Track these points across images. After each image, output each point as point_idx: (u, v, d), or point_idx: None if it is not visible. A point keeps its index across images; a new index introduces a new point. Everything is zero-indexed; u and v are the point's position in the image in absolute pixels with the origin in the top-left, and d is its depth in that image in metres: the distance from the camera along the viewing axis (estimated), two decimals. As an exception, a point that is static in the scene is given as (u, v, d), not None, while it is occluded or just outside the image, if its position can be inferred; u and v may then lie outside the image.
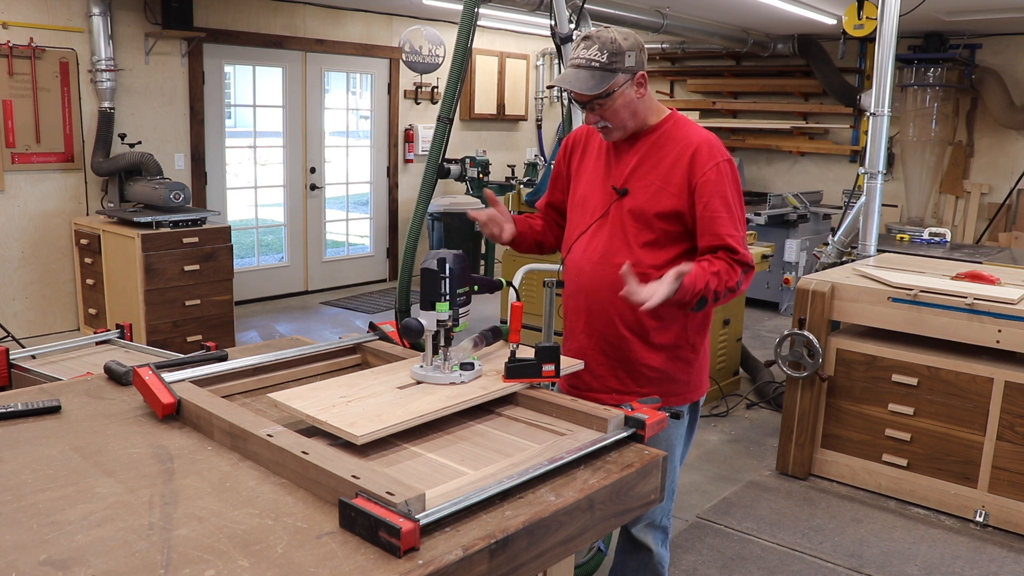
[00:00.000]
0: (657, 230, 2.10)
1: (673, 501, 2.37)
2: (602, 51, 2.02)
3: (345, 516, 1.27)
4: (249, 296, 7.06)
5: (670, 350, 2.17)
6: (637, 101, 2.08)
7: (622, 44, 2.03)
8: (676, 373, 2.19)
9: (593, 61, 2.03)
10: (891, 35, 4.33)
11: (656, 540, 2.32)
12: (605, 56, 2.02)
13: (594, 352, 2.20)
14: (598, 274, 2.15)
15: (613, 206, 2.14)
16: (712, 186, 2.04)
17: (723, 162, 2.07)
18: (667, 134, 2.12)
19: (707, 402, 4.88)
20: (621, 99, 2.05)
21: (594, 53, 2.03)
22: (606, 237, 2.15)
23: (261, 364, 1.98)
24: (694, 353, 2.21)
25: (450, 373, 1.83)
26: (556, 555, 1.40)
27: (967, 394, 3.47)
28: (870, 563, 3.18)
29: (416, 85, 8.05)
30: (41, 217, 5.68)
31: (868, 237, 4.47)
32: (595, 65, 2.03)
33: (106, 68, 5.67)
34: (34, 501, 1.33)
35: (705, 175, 2.04)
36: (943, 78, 7.52)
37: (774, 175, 9.10)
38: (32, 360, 2.82)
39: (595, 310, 2.17)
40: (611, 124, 2.10)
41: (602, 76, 2.03)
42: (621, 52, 2.02)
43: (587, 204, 2.21)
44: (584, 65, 2.04)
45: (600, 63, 2.02)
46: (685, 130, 2.12)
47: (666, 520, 2.34)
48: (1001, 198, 7.68)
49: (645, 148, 2.13)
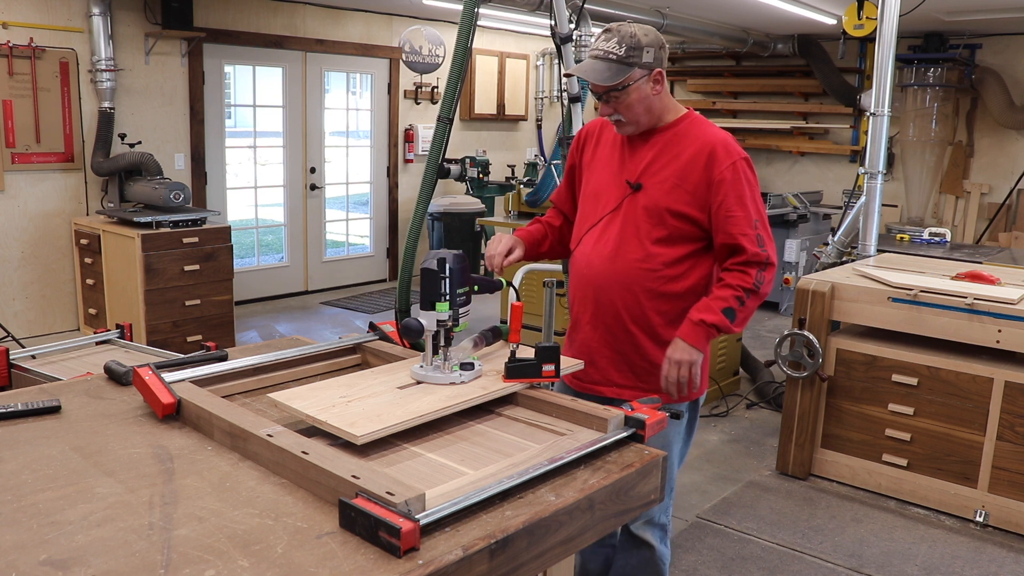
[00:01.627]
0: (670, 226, 2.10)
1: (672, 499, 2.37)
2: (620, 44, 2.04)
3: (345, 516, 1.27)
4: (249, 296, 7.06)
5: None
6: (653, 97, 2.09)
7: (641, 39, 2.05)
8: None
9: (611, 53, 2.05)
10: (891, 35, 4.33)
11: (655, 536, 2.32)
12: (623, 49, 2.04)
13: (599, 345, 2.20)
14: (609, 268, 2.15)
15: (626, 200, 2.15)
16: (728, 185, 2.06)
17: (739, 160, 2.09)
18: (683, 132, 2.13)
19: (707, 402, 4.88)
20: (636, 94, 2.07)
21: (612, 45, 2.05)
22: (618, 231, 2.15)
23: (261, 364, 1.98)
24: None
25: (450, 373, 1.83)
26: (556, 555, 1.40)
27: (967, 394, 3.47)
28: (870, 563, 3.18)
29: (416, 85, 8.05)
30: (41, 217, 5.68)
31: (868, 237, 4.47)
32: (612, 57, 2.05)
33: (106, 68, 5.67)
34: (34, 501, 1.33)
35: (721, 173, 2.06)
36: (943, 78, 7.52)
37: (774, 175, 9.10)
38: (32, 360, 2.82)
39: (603, 303, 2.17)
40: (624, 118, 2.11)
41: (619, 69, 2.04)
42: (640, 47, 2.04)
43: (600, 197, 2.21)
44: (602, 56, 2.06)
45: (618, 56, 2.04)
46: (702, 128, 2.14)
47: (664, 517, 2.34)
48: (1001, 198, 7.68)
49: (661, 144, 2.14)
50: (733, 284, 2.07)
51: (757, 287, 2.08)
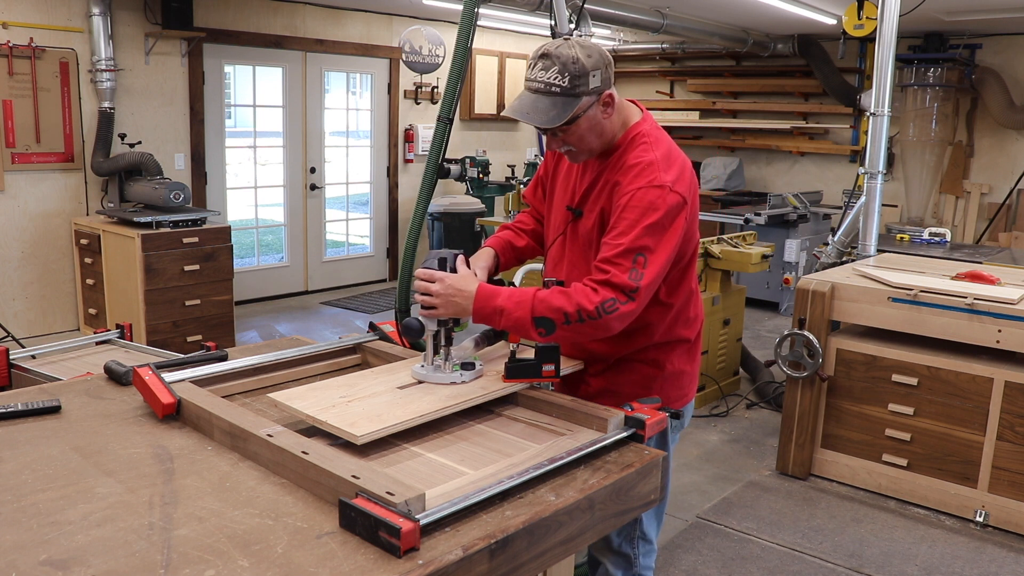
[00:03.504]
0: None
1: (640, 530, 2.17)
2: (563, 73, 1.80)
3: (345, 516, 1.27)
4: (249, 296, 7.06)
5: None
6: (604, 121, 1.89)
7: (585, 64, 1.80)
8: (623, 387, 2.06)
9: (553, 86, 1.81)
10: (891, 35, 4.33)
11: (614, 565, 2.14)
12: (567, 80, 1.80)
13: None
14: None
15: (570, 226, 2.05)
16: (621, 209, 1.84)
17: (647, 188, 1.82)
18: (620, 154, 1.93)
19: (707, 402, 4.89)
20: (587, 123, 1.86)
21: (554, 76, 1.80)
22: (568, 256, 2.07)
23: (261, 364, 1.98)
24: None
25: (451, 373, 1.83)
26: (556, 555, 1.40)
27: (967, 394, 3.47)
28: (870, 563, 3.18)
29: (416, 85, 8.05)
30: (41, 217, 5.68)
31: (868, 237, 4.47)
32: (556, 91, 1.81)
33: (106, 68, 5.67)
34: (34, 501, 1.33)
35: (621, 199, 1.85)
36: (943, 78, 7.52)
37: (774, 175, 9.10)
38: (32, 360, 2.81)
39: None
40: (576, 148, 1.92)
41: (564, 103, 1.81)
42: (584, 74, 1.80)
43: (553, 217, 2.13)
44: (543, 90, 1.82)
45: (562, 87, 1.80)
46: (636, 150, 1.90)
47: (627, 547, 2.12)
48: (1001, 198, 7.68)
49: (598, 168, 1.97)
50: (574, 297, 1.79)
51: (597, 314, 1.77)
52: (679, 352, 2.08)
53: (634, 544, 2.13)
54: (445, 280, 1.85)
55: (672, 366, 2.07)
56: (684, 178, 1.89)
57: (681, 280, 2.03)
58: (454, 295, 1.84)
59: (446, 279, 1.85)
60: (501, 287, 1.86)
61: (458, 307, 1.84)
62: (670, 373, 2.07)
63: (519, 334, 1.83)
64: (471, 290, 1.84)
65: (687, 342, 2.10)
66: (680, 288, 2.03)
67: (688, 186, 1.90)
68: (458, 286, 1.85)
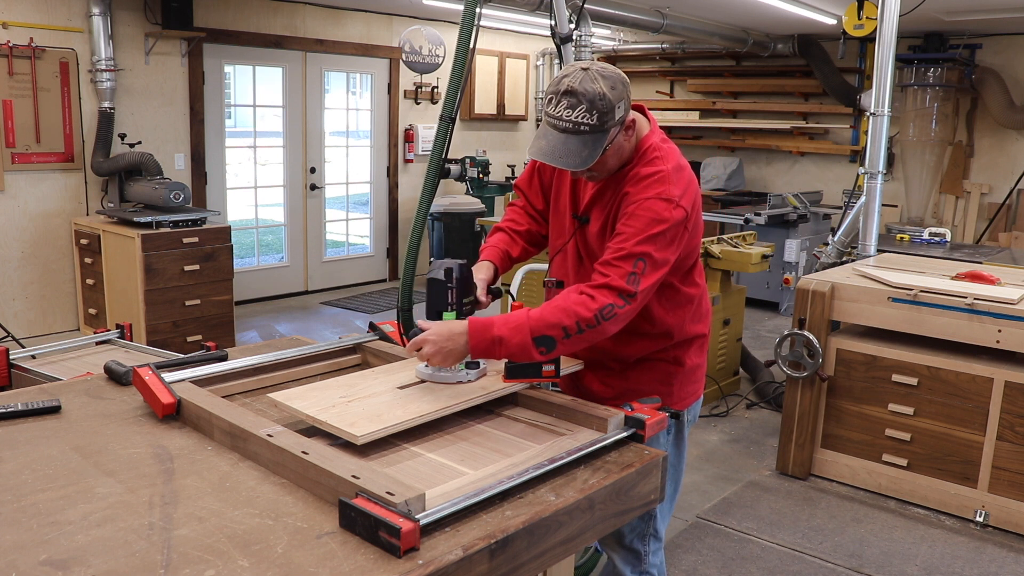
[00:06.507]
0: None
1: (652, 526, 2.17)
2: (591, 112, 1.79)
3: (345, 516, 1.27)
4: (249, 296, 7.06)
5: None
6: (625, 144, 1.91)
7: (611, 98, 1.80)
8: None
9: (583, 125, 1.79)
10: (891, 35, 4.33)
11: (623, 560, 2.15)
12: (595, 118, 1.79)
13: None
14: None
15: (577, 232, 2.07)
16: (627, 217, 1.86)
17: (656, 200, 1.85)
18: (632, 166, 1.96)
19: (707, 402, 4.88)
20: (612, 150, 1.88)
21: (581, 116, 1.79)
22: (575, 261, 2.09)
23: (261, 364, 1.98)
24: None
25: (456, 372, 1.84)
26: (556, 555, 1.40)
27: (967, 394, 3.47)
28: (870, 563, 3.18)
29: (416, 85, 8.05)
30: (41, 217, 5.68)
31: (868, 237, 4.47)
32: (585, 129, 1.80)
33: (106, 68, 5.67)
34: (34, 501, 1.33)
35: (628, 207, 1.87)
36: (943, 78, 7.52)
37: (774, 175, 9.10)
38: (32, 360, 2.81)
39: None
40: (599, 173, 1.94)
41: (594, 140, 1.81)
42: (611, 108, 1.80)
43: (559, 220, 2.13)
44: (572, 130, 1.80)
45: (591, 125, 1.80)
46: (647, 162, 1.93)
47: (638, 543, 2.14)
48: (1001, 198, 7.68)
49: (609, 178, 1.99)
50: (570, 309, 1.78)
51: (596, 321, 1.78)
52: (695, 347, 2.16)
53: (646, 541, 2.14)
54: (428, 338, 1.80)
55: (691, 361, 2.15)
56: (690, 192, 1.92)
57: (695, 279, 2.09)
58: (444, 344, 1.78)
59: (429, 336, 1.80)
60: (492, 317, 1.82)
61: (454, 353, 1.80)
62: (688, 368, 2.14)
63: (520, 358, 1.80)
64: (461, 330, 1.80)
65: (702, 336, 2.18)
66: (696, 287, 2.10)
67: (692, 200, 1.94)
68: (445, 334, 1.79)
